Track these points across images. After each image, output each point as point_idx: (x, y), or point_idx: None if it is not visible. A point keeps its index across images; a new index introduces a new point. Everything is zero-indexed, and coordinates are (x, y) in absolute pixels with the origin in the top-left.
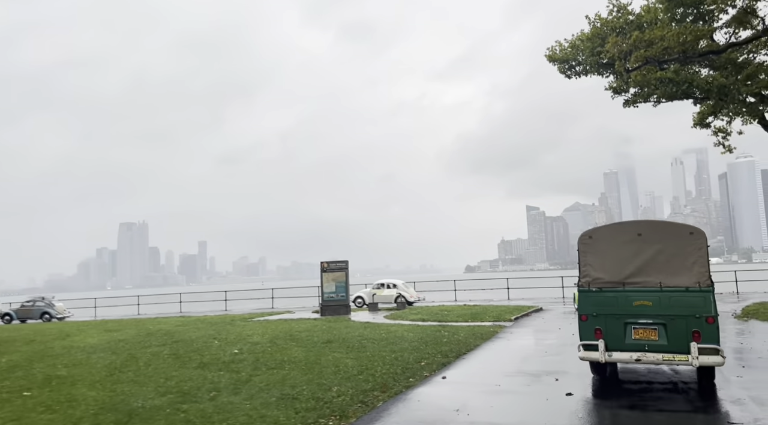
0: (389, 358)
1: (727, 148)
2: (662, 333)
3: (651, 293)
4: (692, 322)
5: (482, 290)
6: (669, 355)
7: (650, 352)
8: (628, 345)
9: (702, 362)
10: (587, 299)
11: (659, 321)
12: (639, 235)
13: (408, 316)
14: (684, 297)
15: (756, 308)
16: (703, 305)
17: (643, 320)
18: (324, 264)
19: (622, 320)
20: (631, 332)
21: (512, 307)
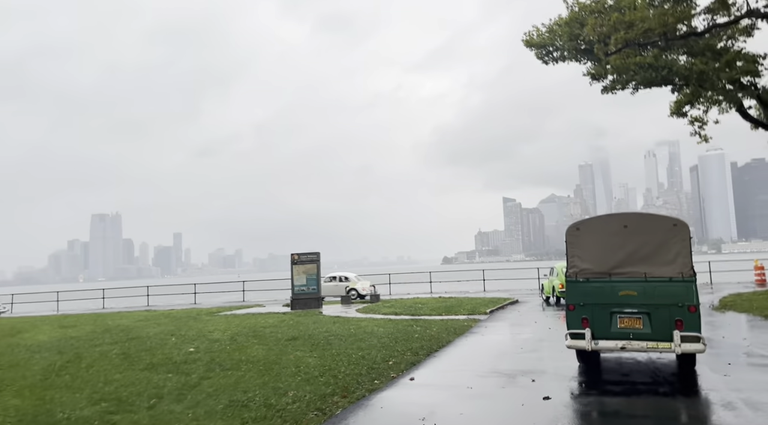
0: (355, 357)
1: (704, 137)
2: (646, 322)
3: (636, 284)
4: (675, 311)
5: (458, 282)
6: (653, 343)
7: (635, 340)
8: (614, 333)
9: (684, 349)
10: (575, 289)
11: (644, 310)
12: (625, 227)
13: (380, 310)
14: (667, 287)
15: (733, 300)
16: (686, 294)
17: (628, 309)
18: (294, 256)
19: (608, 309)
20: (616, 321)
21: (488, 299)
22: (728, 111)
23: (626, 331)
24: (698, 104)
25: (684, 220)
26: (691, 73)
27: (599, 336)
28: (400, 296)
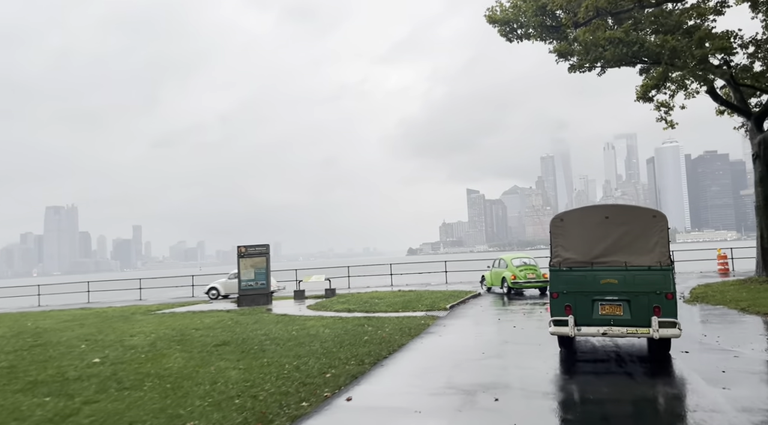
0: (288, 368)
1: (669, 123)
2: (626, 309)
3: (617, 272)
4: (653, 298)
5: (420, 274)
6: (632, 329)
7: (615, 326)
8: (595, 319)
9: (662, 334)
10: (558, 277)
11: (624, 298)
12: (606, 218)
13: (334, 306)
14: (646, 275)
15: (703, 291)
16: (663, 282)
17: (609, 296)
18: (241, 248)
19: (590, 297)
20: (598, 308)
21: (448, 293)
22: (695, 96)
23: (607, 317)
24: (664, 89)
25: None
26: (663, 49)
27: (582, 322)
28: (359, 290)
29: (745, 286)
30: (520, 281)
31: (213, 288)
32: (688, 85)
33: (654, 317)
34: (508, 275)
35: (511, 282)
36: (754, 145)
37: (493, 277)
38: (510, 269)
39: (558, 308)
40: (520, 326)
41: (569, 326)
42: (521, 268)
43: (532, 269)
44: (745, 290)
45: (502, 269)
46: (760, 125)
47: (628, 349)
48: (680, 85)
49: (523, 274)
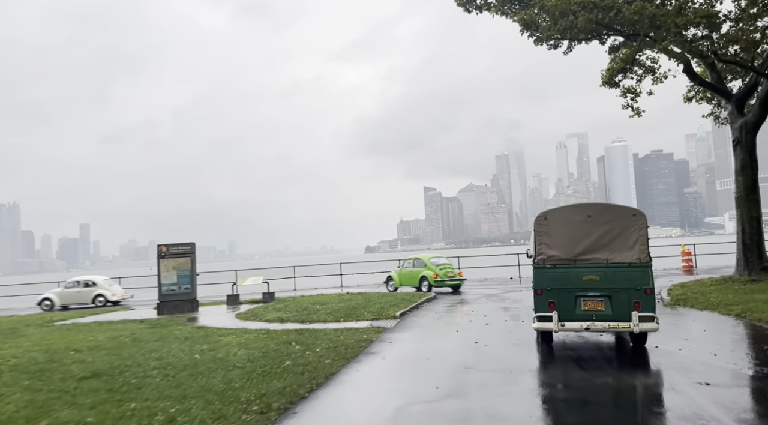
0: (160, 419)
1: (636, 111)
2: (608, 304)
3: (599, 269)
4: (633, 294)
5: (373, 274)
6: (614, 323)
7: (598, 321)
8: (578, 315)
9: (642, 328)
10: (542, 275)
11: (605, 294)
12: (589, 216)
13: (266, 315)
14: (627, 272)
15: (682, 292)
16: (643, 278)
17: (591, 293)
18: (162, 248)
19: (573, 293)
20: (580, 304)
21: (400, 296)
22: (663, 81)
23: (590, 313)
24: (631, 74)
25: None
26: (642, 17)
27: (565, 318)
28: (304, 293)
29: (728, 286)
30: (442, 279)
31: (46, 299)
32: (656, 69)
33: (634, 312)
34: (429, 274)
35: (434, 281)
36: (735, 129)
37: (406, 277)
38: (430, 268)
39: (542, 304)
40: (483, 340)
41: (553, 321)
42: (441, 267)
43: (450, 268)
44: (731, 291)
45: (419, 268)
46: (741, 107)
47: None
48: (648, 70)
49: (444, 272)
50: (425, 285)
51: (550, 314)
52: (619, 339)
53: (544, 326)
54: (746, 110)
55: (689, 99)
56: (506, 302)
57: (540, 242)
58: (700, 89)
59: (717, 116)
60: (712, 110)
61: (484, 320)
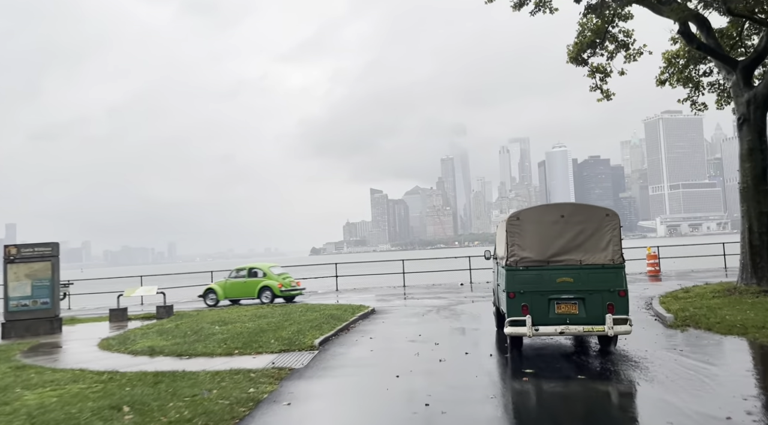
0: None
1: (605, 94)
2: (581, 307)
3: (572, 271)
4: (607, 296)
5: (310, 280)
6: (588, 327)
7: (572, 325)
8: (552, 318)
9: (616, 331)
10: (515, 277)
11: (579, 296)
12: (562, 216)
13: (138, 341)
14: (600, 273)
15: (682, 307)
16: (616, 280)
17: (565, 295)
18: (10, 249)
19: (546, 296)
20: (554, 307)
21: (330, 310)
22: (637, 59)
23: (563, 316)
24: (602, 49)
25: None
26: None
27: (538, 322)
28: (215, 307)
29: (738, 299)
30: (288, 289)
31: None
32: (630, 44)
33: (608, 314)
34: (273, 283)
35: (280, 291)
36: (741, 105)
37: (239, 288)
38: (272, 277)
39: (515, 308)
40: (438, 395)
41: (527, 326)
42: (283, 276)
43: (290, 277)
44: (746, 306)
45: (258, 279)
46: (748, 77)
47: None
48: (621, 45)
49: (288, 282)
50: (266, 296)
51: (523, 318)
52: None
53: (517, 331)
54: (755, 80)
55: (662, 82)
56: (461, 320)
57: (512, 244)
58: (674, 71)
59: (694, 101)
60: (689, 94)
61: (435, 352)
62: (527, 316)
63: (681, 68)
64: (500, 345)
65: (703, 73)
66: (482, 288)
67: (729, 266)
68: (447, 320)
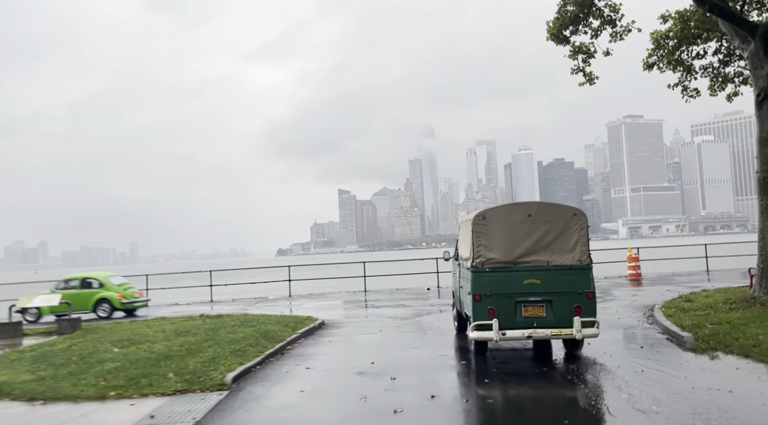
0: None
1: (588, 77)
2: (549, 310)
3: (539, 272)
4: (575, 298)
5: (252, 285)
6: (556, 330)
7: (539, 328)
8: (519, 322)
9: (585, 334)
10: (481, 279)
11: (546, 298)
12: (529, 215)
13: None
14: (568, 275)
15: (697, 322)
16: (584, 281)
17: (532, 298)
18: None
19: (513, 298)
20: (521, 310)
21: (269, 324)
22: (624, 37)
23: (531, 319)
24: (585, 26)
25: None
26: None
27: (505, 325)
28: (149, 314)
29: (762, 312)
30: (130, 301)
31: None
32: (617, 20)
33: (576, 317)
34: (112, 295)
35: (121, 303)
36: (761, 78)
37: (71, 301)
38: (111, 288)
39: (481, 311)
40: None
41: (493, 330)
42: (124, 286)
43: (132, 288)
44: None
45: (94, 290)
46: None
47: None
48: (607, 21)
49: (130, 293)
50: (104, 310)
51: (489, 322)
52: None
53: (483, 335)
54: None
55: (650, 66)
56: (427, 338)
57: (478, 244)
58: (664, 53)
59: (685, 87)
60: (680, 78)
61: (390, 394)
62: (494, 320)
63: (671, 50)
64: (479, 379)
65: (696, 54)
66: (450, 294)
67: (712, 270)
68: (409, 337)
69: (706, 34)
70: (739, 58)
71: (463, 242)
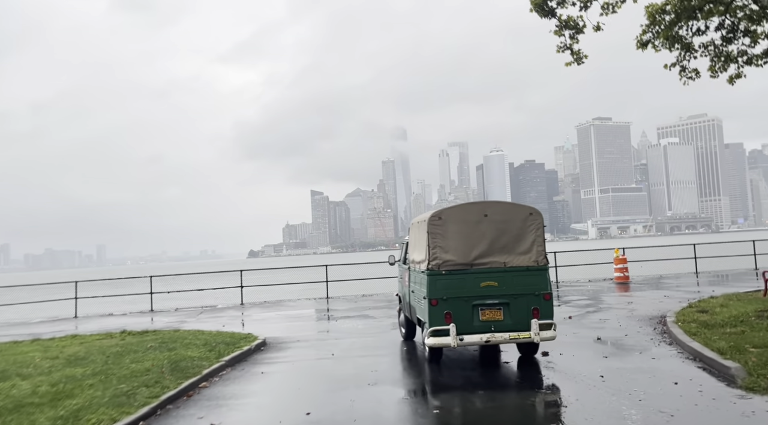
0: None
1: (576, 55)
2: (506, 313)
3: (496, 274)
4: (532, 300)
5: (212, 291)
6: (514, 334)
7: (497, 332)
8: (477, 326)
9: (542, 337)
10: (437, 282)
11: (504, 301)
12: (486, 215)
13: None
14: (525, 276)
15: (736, 344)
16: (540, 282)
17: (489, 301)
18: None
19: (470, 302)
20: (478, 313)
21: (190, 347)
22: (617, 9)
23: (488, 323)
24: None
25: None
26: None
27: (463, 330)
28: (58, 329)
29: None
30: None
31: None
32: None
33: (534, 319)
34: None
35: None
36: None
37: None
38: None
39: (437, 316)
40: None
41: (451, 335)
42: None
43: None
44: None
45: None
46: None
47: None
48: None
49: None
50: None
51: (447, 327)
52: None
53: (440, 342)
54: None
55: (644, 44)
56: (389, 364)
57: (434, 246)
58: (660, 29)
59: (683, 67)
60: (678, 57)
61: None
62: (451, 325)
63: (668, 25)
64: None
65: (696, 30)
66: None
67: (701, 271)
68: (367, 363)
69: (708, 6)
70: (744, 35)
71: (416, 245)
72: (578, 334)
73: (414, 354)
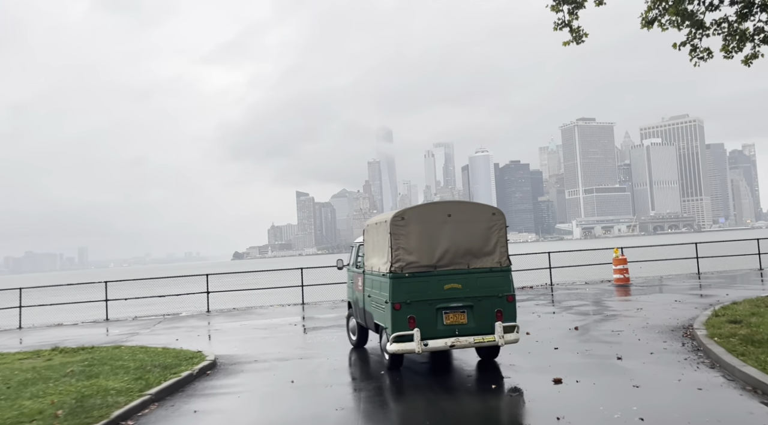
0: None
1: (575, 32)
2: (470, 316)
3: (460, 276)
4: (496, 302)
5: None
6: (479, 337)
7: (462, 336)
8: (441, 331)
9: (507, 340)
10: (400, 285)
11: (467, 304)
12: (449, 216)
13: None
14: (488, 278)
15: None
16: (504, 284)
17: (453, 304)
18: None
19: (434, 305)
20: (442, 317)
21: (123, 371)
22: None
23: (453, 327)
24: None
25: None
26: None
27: (427, 335)
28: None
29: None
30: None
31: None
32: None
33: (498, 322)
34: None
35: None
36: None
37: None
38: None
39: (401, 321)
40: None
41: (415, 341)
42: None
43: None
44: None
45: None
46: None
47: None
48: None
49: None
50: None
51: (411, 332)
52: None
53: (404, 347)
54: None
55: (650, 22)
56: (361, 400)
57: (397, 247)
58: (668, 5)
59: (694, 47)
60: (688, 36)
61: None
62: (415, 330)
63: (676, 0)
64: None
65: (709, 4)
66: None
67: (703, 271)
68: (333, 398)
69: None
70: (762, 9)
71: (375, 247)
72: (592, 353)
73: (400, 384)
